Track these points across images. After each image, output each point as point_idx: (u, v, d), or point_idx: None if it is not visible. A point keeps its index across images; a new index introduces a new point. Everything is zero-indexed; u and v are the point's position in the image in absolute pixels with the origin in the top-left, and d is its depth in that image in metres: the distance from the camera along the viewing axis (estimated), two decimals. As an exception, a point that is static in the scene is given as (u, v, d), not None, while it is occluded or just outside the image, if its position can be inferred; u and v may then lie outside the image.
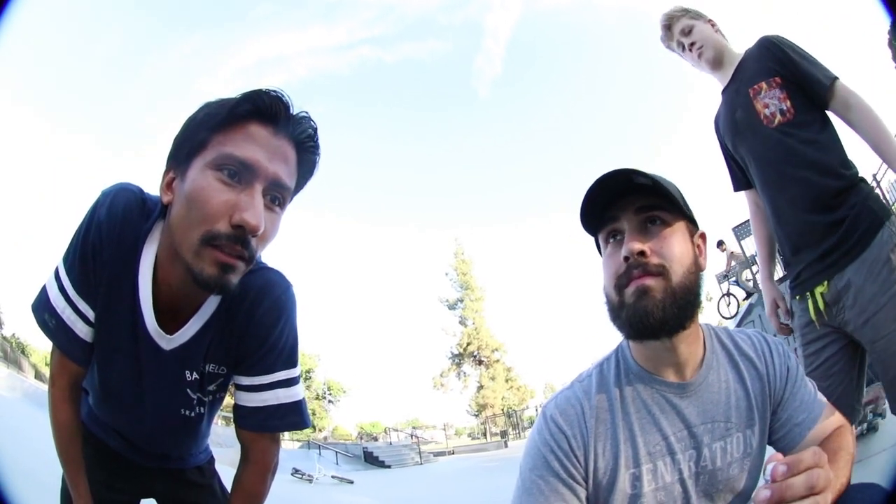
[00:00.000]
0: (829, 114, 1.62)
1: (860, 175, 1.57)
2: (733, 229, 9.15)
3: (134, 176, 0.98)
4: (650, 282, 0.89)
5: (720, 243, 10.57)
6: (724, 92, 1.84)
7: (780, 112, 1.62)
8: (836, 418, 1.02)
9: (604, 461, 0.94)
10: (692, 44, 1.85)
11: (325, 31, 57.61)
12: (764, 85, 1.66)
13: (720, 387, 0.99)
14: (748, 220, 1.99)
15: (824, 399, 1.03)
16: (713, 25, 1.87)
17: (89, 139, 53.13)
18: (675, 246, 0.92)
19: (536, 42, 61.82)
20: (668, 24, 1.90)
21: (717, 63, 1.83)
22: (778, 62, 1.65)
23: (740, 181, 1.88)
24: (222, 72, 52.64)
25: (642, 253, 0.90)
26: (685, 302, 0.90)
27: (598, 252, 1.06)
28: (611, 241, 0.97)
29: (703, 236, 1.01)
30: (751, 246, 9.27)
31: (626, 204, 0.94)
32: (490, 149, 62.49)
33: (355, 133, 60.63)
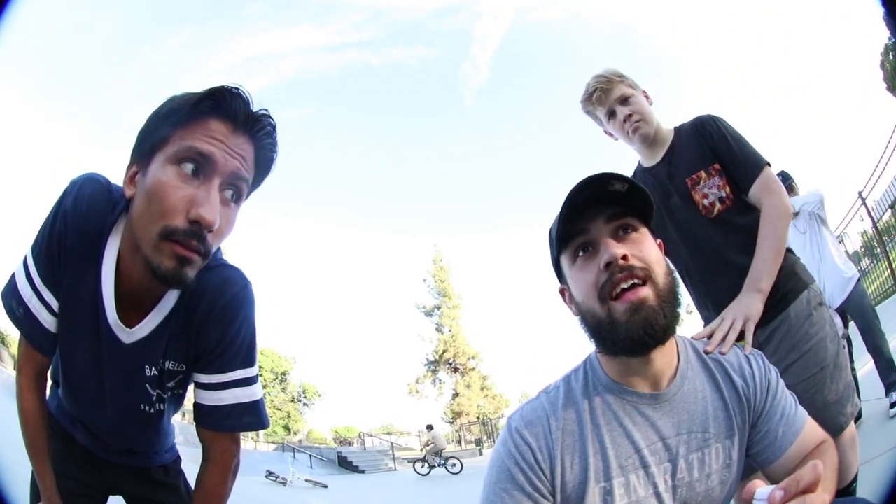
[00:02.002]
0: None
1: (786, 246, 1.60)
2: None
3: (118, 170, 1.01)
4: (643, 292, 0.87)
5: None
6: (649, 171, 1.76)
7: (718, 200, 1.61)
8: (819, 433, 0.99)
9: (572, 474, 0.91)
10: (629, 115, 1.71)
11: (315, 31, 57.53)
12: (703, 174, 1.63)
13: (696, 397, 0.96)
14: None
15: (806, 414, 1.01)
16: (647, 97, 1.77)
17: (75, 131, 52.29)
18: (651, 250, 0.93)
19: (523, 52, 62.39)
20: (607, 88, 1.73)
21: (650, 141, 1.74)
22: (714, 148, 1.63)
23: None
24: (212, 67, 52.14)
25: (624, 257, 0.88)
26: (676, 303, 0.90)
27: (557, 276, 1.05)
28: (580, 254, 0.95)
29: (661, 244, 1.00)
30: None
31: (594, 214, 0.93)
32: (472, 157, 62.78)
33: (339, 135, 60.53)
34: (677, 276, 0.96)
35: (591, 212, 0.92)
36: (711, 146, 1.64)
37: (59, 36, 52.27)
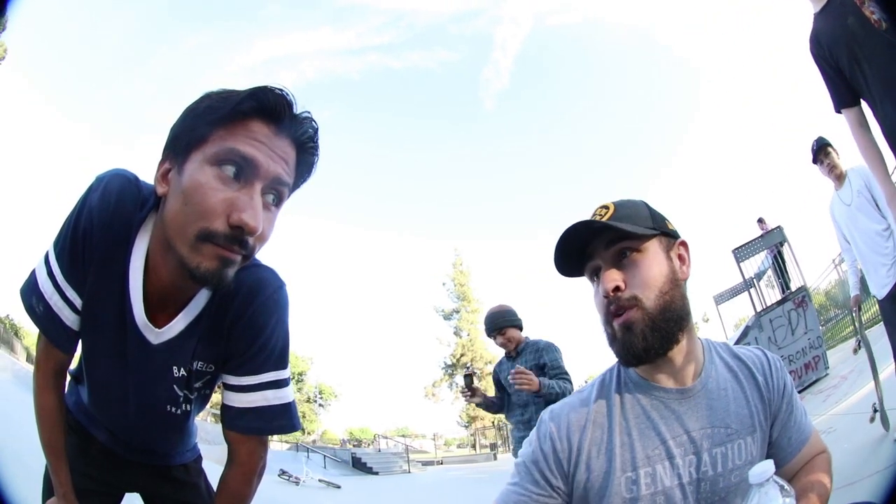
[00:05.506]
0: None
1: None
2: (733, 252, 9.05)
3: (136, 167, 0.99)
4: (630, 315, 0.95)
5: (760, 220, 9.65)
6: (821, 12, 1.94)
7: (883, 20, 1.75)
8: (819, 444, 1.07)
9: (598, 463, 0.97)
10: None
11: (335, 34, 57.88)
12: None
13: (720, 394, 1.01)
14: (748, 243, 2.11)
15: (812, 424, 1.08)
16: None
17: (92, 129, 53.13)
18: (646, 271, 0.97)
19: (544, 57, 62.20)
20: None
21: None
22: None
23: (844, 97, 1.93)
24: (231, 67, 52.48)
25: (617, 288, 0.95)
26: (666, 323, 0.95)
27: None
28: (595, 279, 1.02)
29: (683, 244, 1.05)
30: (749, 269, 9.14)
31: (598, 242, 1.00)
32: (493, 161, 62.75)
33: (359, 138, 60.90)
34: (682, 290, 1.00)
35: (595, 240, 1.00)
36: None
37: (76, 34, 53.05)
